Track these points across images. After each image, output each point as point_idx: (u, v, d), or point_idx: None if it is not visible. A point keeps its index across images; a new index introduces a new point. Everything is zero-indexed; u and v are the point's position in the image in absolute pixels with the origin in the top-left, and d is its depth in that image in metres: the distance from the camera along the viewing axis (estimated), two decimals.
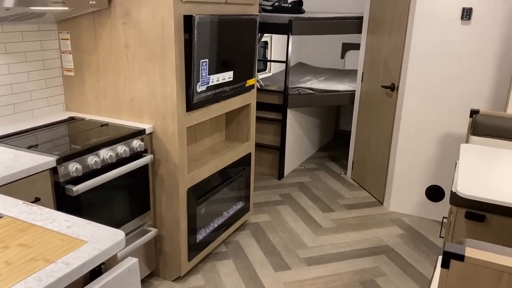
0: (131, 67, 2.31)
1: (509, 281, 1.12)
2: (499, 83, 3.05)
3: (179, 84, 2.24)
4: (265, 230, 3.22)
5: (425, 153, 3.40)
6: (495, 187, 1.92)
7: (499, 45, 2.99)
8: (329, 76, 4.84)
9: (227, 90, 2.62)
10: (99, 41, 2.36)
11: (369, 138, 3.88)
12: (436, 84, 3.23)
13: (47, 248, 1.14)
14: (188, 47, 2.24)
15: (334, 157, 4.82)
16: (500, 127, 2.68)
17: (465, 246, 1.19)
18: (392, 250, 3.01)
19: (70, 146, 1.96)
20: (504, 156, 2.39)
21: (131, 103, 2.37)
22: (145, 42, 2.23)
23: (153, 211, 2.48)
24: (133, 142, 2.22)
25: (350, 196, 3.85)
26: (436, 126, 3.31)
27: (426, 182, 3.46)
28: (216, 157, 2.76)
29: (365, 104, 3.96)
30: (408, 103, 3.35)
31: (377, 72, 3.73)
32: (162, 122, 2.32)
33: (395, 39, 3.44)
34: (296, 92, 4.01)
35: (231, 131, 3.15)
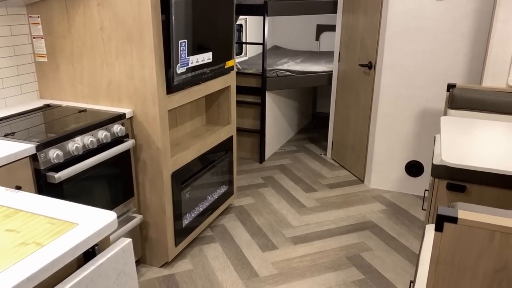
0: (108, 50, 2.24)
1: (501, 240, 1.15)
2: (473, 57, 3.11)
3: (158, 66, 2.19)
4: (250, 212, 3.22)
5: (403, 129, 3.45)
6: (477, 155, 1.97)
7: (472, 20, 3.04)
8: (305, 58, 4.84)
9: (207, 72, 2.58)
10: (72, 24, 2.28)
11: (348, 117, 3.92)
12: (413, 61, 3.27)
13: (36, 232, 1.10)
14: (166, 27, 2.19)
15: (313, 139, 4.85)
16: (476, 99, 2.74)
17: (457, 209, 1.21)
18: (375, 225, 3.06)
19: (49, 133, 1.90)
20: (483, 126, 2.45)
21: (109, 87, 2.31)
22: (121, 24, 2.16)
23: (137, 197, 2.44)
24: (113, 127, 2.16)
25: (331, 175, 3.88)
26: (413, 102, 3.36)
27: (405, 158, 3.52)
28: (198, 140, 2.73)
29: (343, 84, 3.98)
30: (385, 80, 3.39)
31: (354, 51, 3.75)
32: (143, 106, 2.27)
33: (370, 18, 3.46)
34: (274, 74, 3.99)
35: (211, 115, 3.11)
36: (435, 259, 1.22)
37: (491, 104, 2.72)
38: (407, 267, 2.59)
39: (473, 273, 1.19)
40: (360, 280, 2.47)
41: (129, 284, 1.20)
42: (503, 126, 2.46)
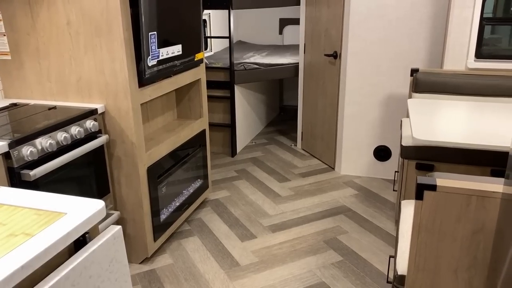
0: (76, 44, 2.19)
1: (477, 203, 1.22)
2: (433, 42, 3.24)
3: (129, 59, 2.17)
4: (226, 205, 3.23)
5: (370, 116, 3.56)
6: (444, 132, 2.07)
7: (430, 7, 3.17)
8: (271, 51, 4.89)
9: (177, 64, 2.57)
10: (36, 20, 2.21)
11: (316, 107, 3.99)
12: (376, 48, 3.37)
13: (24, 224, 1.08)
14: (135, 19, 2.17)
15: (282, 131, 4.91)
16: (439, 82, 2.87)
17: (435, 178, 1.27)
18: (349, 209, 3.14)
19: (20, 131, 1.84)
20: (447, 107, 2.57)
21: (79, 83, 2.26)
22: (88, 17, 2.12)
23: (113, 193, 2.40)
24: (86, 123, 2.12)
25: (303, 165, 3.95)
26: (379, 88, 3.47)
27: (373, 144, 3.63)
28: (171, 134, 2.71)
29: (309, 75, 4.05)
30: (351, 68, 3.48)
31: (319, 42, 3.82)
32: (114, 100, 2.23)
33: (333, 8, 3.54)
34: (242, 68, 4.01)
35: (182, 109, 3.10)
36: (417, 226, 1.28)
37: (452, 86, 2.85)
38: (382, 246, 2.68)
39: (453, 236, 1.25)
40: (338, 262, 2.53)
41: (121, 271, 1.19)
42: (465, 106, 2.58)
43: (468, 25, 2.87)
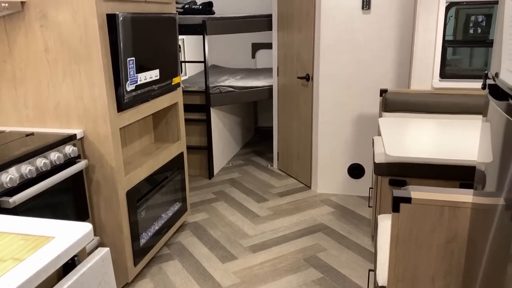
0: (54, 71, 2.20)
1: (449, 214, 1.30)
2: (400, 64, 3.41)
3: (108, 84, 2.19)
4: (205, 227, 3.24)
5: (343, 135, 3.67)
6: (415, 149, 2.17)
7: (397, 31, 3.34)
8: (245, 74, 4.99)
9: (155, 89, 2.61)
10: (13, 46, 2.22)
11: (291, 127, 4.08)
12: (346, 70, 3.51)
13: (12, 249, 1.08)
14: (113, 46, 2.20)
15: (258, 152, 4.97)
16: (407, 102, 3.00)
17: (410, 191, 1.35)
18: (327, 227, 3.20)
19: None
20: (416, 124, 2.69)
21: (57, 109, 2.26)
22: (67, 44, 2.15)
23: (92, 218, 2.38)
24: (65, 148, 2.12)
25: (280, 185, 4.01)
26: (350, 108, 3.59)
27: (347, 162, 3.73)
28: (149, 158, 2.72)
29: (283, 96, 4.15)
30: (323, 90, 3.60)
31: (292, 65, 3.94)
32: (94, 126, 2.24)
33: (305, 33, 3.67)
34: (217, 91, 4.08)
35: (160, 133, 3.12)
36: (395, 238, 1.35)
37: (420, 105, 2.99)
38: (360, 262, 2.74)
39: (428, 246, 1.32)
40: (319, 279, 2.57)
41: None
42: (432, 123, 2.72)
43: (432, 47, 3.04)
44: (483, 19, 3.07)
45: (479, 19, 3.09)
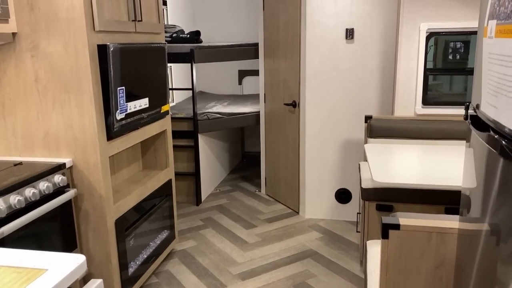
0: (44, 100, 2.21)
1: (437, 239, 1.33)
2: (384, 91, 3.50)
3: (98, 113, 2.21)
4: (194, 255, 3.21)
5: (330, 160, 3.72)
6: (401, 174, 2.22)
7: (379, 59, 3.45)
8: (231, 101, 5.05)
9: (144, 117, 2.63)
10: (3, 77, 2.23)
11: (278, 153, 4.12)
12: (332, 97, 3.59)
13: (4, 282, 1.07)
14: (104, 75, 2.23)
15: (245, 177, 4.99)
16: (391, 128, 3.08)
17: (398, 217, 1.38)
18: (315, 252, 3.21)
19: None
20: (401, 150, 2.75)
21: (46, 138, 2.26)
22: (57, 74, 2.17)
23: (79, 248, 2.35)
24: (54, 178, 2.11)
25: (268, 210, 4.01)
26: (336, 134, 3.66)
27: (334, 187, 3.77)
28: (138, 186, 2.72)
29: (270, 122, 4.21)
30: (309, 116, 3.67)
31: (278, 92, 4.01)
32: (83, 154, 2.25)
33: (291, 61, 3.76)
34: (205, 117, 4.12)
35: (148, 160, 3.12)
36: (385, 264, 1.37)
37: (404, 131, 3.07)
38: (349, 287, 2.75)
39: (417, 271, 1.35)
40: None
41: None
42: (417, 149, 2.78)
43: (414, 75, 3.14)
44: (462, 47, 3.20)
45: (458, 48, 3.22)
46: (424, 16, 3.04)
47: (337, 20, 3.43)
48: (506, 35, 0.87)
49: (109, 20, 2.25)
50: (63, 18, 2.10)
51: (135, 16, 2.51)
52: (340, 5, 3.41)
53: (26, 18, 2.13)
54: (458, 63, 3.23)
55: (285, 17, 3.76)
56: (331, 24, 3.45)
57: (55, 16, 2.11)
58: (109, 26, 2.25)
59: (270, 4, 3.96)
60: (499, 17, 0.92)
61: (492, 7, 0.98)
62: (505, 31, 0.87)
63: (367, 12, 3.38)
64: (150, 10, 2.74)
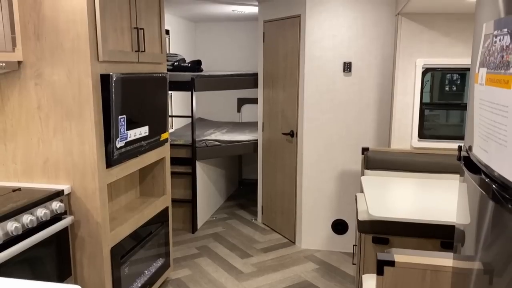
0: (45, 127, 2.24)
1: (431, 277, 1.34)
2: (380, 123, 3.55)
3: (98, 141, 2.24)
4: (188, 284, 3.18)
5: (327, 190, 3.73)
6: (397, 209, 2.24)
7: (376, 92, 3.52)
8: (230, 128, 5.10)
9: (144, 145, 2.66)
10: (6, 103, 2.26)
11: (275, 182, 4.14)
12: (329, 128, 3.64)
13: None
14: (105, 104, 2.27)
15: (242, 205, 4.98)
16: (388, 160, 3.11)
17: (393, 254, 1.40)
18: (311, 284, 3.18)
19: None
20: (397, 183, 2.78)
21: (45, 164, 2.28)
22: (60, 102, 2.21)
23: (74, 276, 2.34)
24: (52, 204, 2.12)
25: (264, 240, 4.00)
26: (333, 164, 3.68)
27: (331, 217, 3.77)
28: (135, 213, 2.72)
29: (268, 151, 4.24)
30: (307, 146, 3.70)
31: (276, 121, 4.06)
32: (81, 181, 2.26)
33: (289, 91, 3.83)
34: (203, 145, 4.15)
35: (145, 187, 3.13)
36: None
37: (400, 163, 3.10)
38: None
39: None
40: None
41: None
42: (413, 183, 2.81)
43: (410, 109, 3.20)
44: (458, 80, 3.27)
45: (455, 81, 3.29)
46: (420, 52, 3.12)
47: (335, 54, 3.52)
48: (495, 84, 0.91)
49: (113, 51, 2.31)
50: (68, 47, 2.15)
51: (138, 47, 2.57)
52: (338, 39, 3.50)
53: (32, 47, 2.18)
54: (454, 97, 3.30)
55: (284, 49, 3.85)
56: (329, 57, 3.53)
57: (60, 46, 2.16)
58: (113, 57, 2.31)
59: (270, 36, 4.06)
60: (489, 66, 0.97)
61: (482, 56, 1.03)
62: (495, 80, 0.91)
63: (364, 47, 3.47)
64: (153, 40, 2.81)
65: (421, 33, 3.09)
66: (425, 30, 3.07)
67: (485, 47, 1.01)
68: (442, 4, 2.64)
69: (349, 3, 3.45)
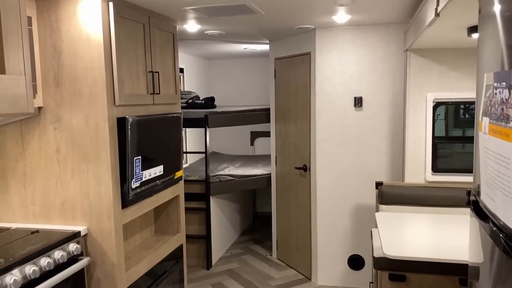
0: (63, 170, 2.31)
1: None
2: (393, 157, 3.55)
3: (114, 183, 2.29)
4: None
5: (342, 225, 3.71)
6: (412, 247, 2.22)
7: (388, 126, 3.54)
8: (243, 162, 5.13)
9: (158, 184, 2.71)
10: (26, 147, 2.35)
11: (289, 217, 4.13)
12: (342, 162, 3.64)
13: None
14: (121, 146, 2.33)
15: (257, 239, 4.95)
16: (402, 194, 3.09)
17: None
18: None
19: (3, 258, 1.86)
20: (412, 219, 2.75)
21: (63, 206, 2.33)
22: (77, 145, 2.28)
23: None
24: (69, 246, 2.15)
25: (280, 276, 3.95)
26: (347, 199, 3.67)
27: (346, 253, 3.73)
28: (150, 252, 2.74)
29: (282, 185, 4.25)
30: (320, 180, 3.71)
31: (289, 155, 4.09)
32: (97, 222, 2.30)
33: (301, 126, 3.87)
34: (217, 180, 4.18)
35: (160, 225, 3.16)
36: None
37: (414, 198, 3.08)
38: None
39: None
40: None
41: None
42: (428, 218, 2.78)
43: (423, 143, 3.20)
44: (470, 115, 3.27)
45: (466, 116, 3.29)
46: (430, 86, 3.14)
47: (345, 89, 3.57)
48: (498, 135, 0.93)
49: (129, 95, 2.39)
50: (86, 93, 2.24)
51: (153, 89, 2.65)
52: (348, 75, 3.55)
53: (52, 93, 2.28)
54: (467, 129, 3.29)
55: (295, 85, 3.91)
56: (340, 92, 3.58)
57: (78, 92, 2.25)
58: (129, 100, 2.39)
59: (281, 73, 4.14)
60: (491, 116, 0.99)
61: (484, 105, 1.05)
62: (497, 131, 0.93)
63: (374, 81, 3.51)
64: (168, 82, 2.90)
65: (430, 68, 3.12)
66: (434, 65, 3.11)
67: (486, 96, 1.04)
68: (449, 40, 2.68)
69: (357, 41, 3.52)
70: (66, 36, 2.23)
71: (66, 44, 2.24)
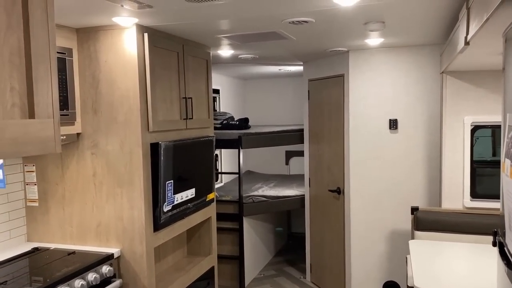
0: (99, 193, 2.41)
1: None
2: (430, 181, 3.44)
3: (146, 206, 2.36)
4: None
5: (376, 250, 3.61)
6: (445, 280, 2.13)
7: (424, 149, 3.44)
8: (278, 182, 5.13)
9: (190, 207, 2.76)
10: (66, 171, 2.46)
11: (323, 239, 4.07)
12: (377, 186, 3.57)
13: None
14: (154, 170, 2.41)
15: (290, 261, 4.91)
16: (439, 221, 2.99)
17: None
18: None
19: (40, 279, 1.95)
20: (448, 248, 2.65)
21: (98, 228, 2.42)
22: (113, 170, 2.37)
23: None
24: (102, 268, 2.23)
25: None
26: (382, 224, 3.58)
27: (382, 279, 3.62)
28: (181, 274, 2.78)
29: (315, 207, 4.21)
30: (354, 204, 3.64)
31: (322, 177, 4.05)
32: (130, 245, 2.37)
33: (335, 148, 3.83)
34: (250, 201, 4.20)
35: (192, 246, 3.20)
36: None
37: (451, 224, 2.96)
38: None
39: None
40: None
41: None
42: (465, 248, 2.67)
43: (460, 167, 3.09)
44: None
45: None
46: (468, 109, 3.04)
47: (379, 111, 3.52)
48: None
49: (162, 121, 2.47)
50: (121, 120, 2.34)
51: (186, 114, 2.73)
52: (382, 96, 3.50)
53: (90, 120, 2.39)
54: None
55: (329, 106, 3.90)
56: (374, 114, 3.53)
57: (114, 119, 2.35)
58: (162, 126, 2.47)
59: (315, 94, 4.14)
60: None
61: (507, 146, 1.02)
62: None
63: (410, 104, 3.45)
64: (201, 106, 2.97)
65: (467, 90, 3.03)
66: (472, 87, 3.01)
67: (509, 137, 1.01)
68: (486, 63, 2.60)
69: (391, 62, 3.48)
70: (104, 66, 2.35)
71: (104, 74, 2.35)
